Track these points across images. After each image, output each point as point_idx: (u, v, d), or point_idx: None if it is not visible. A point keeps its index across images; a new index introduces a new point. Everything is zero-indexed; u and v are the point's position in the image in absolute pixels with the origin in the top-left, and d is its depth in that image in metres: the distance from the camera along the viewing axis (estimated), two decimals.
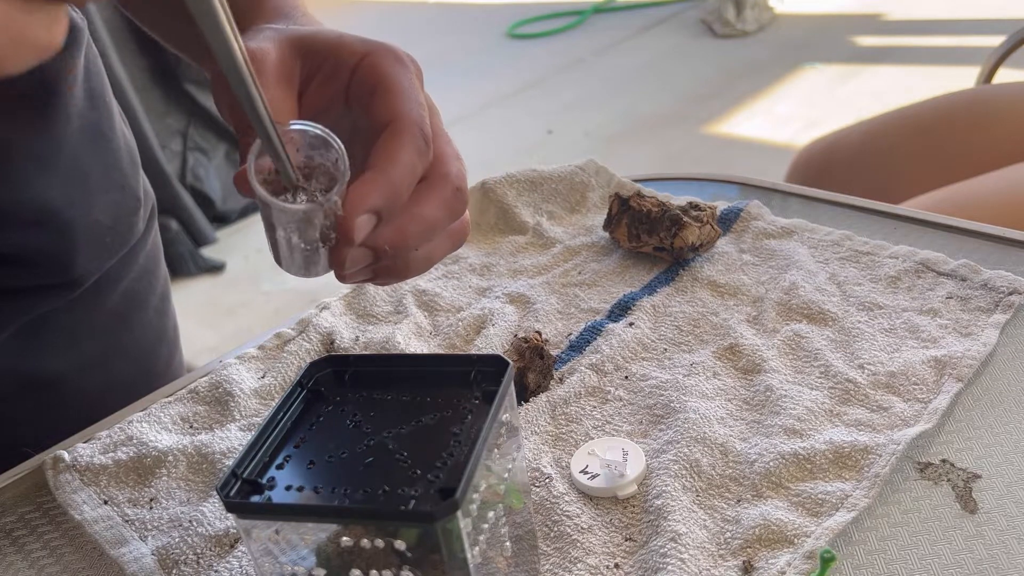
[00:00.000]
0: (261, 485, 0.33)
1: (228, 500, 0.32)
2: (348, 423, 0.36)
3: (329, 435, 0.36)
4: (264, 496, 0.33)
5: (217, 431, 0.55)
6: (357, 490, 0.32)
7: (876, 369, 0.52)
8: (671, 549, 0.42)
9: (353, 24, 4.60)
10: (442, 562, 0.32)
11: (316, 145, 0.37)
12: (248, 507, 0.33)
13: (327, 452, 0.35)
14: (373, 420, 0.36)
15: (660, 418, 0.51)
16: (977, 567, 0.40)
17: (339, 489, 0.32)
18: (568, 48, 3.75)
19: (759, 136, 2.67)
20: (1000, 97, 1.08)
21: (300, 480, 0.33)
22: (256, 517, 0.33)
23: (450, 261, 0.71)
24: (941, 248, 0.62)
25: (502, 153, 2.88)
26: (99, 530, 0.49)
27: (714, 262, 0.65)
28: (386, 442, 0.35)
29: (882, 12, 3.56)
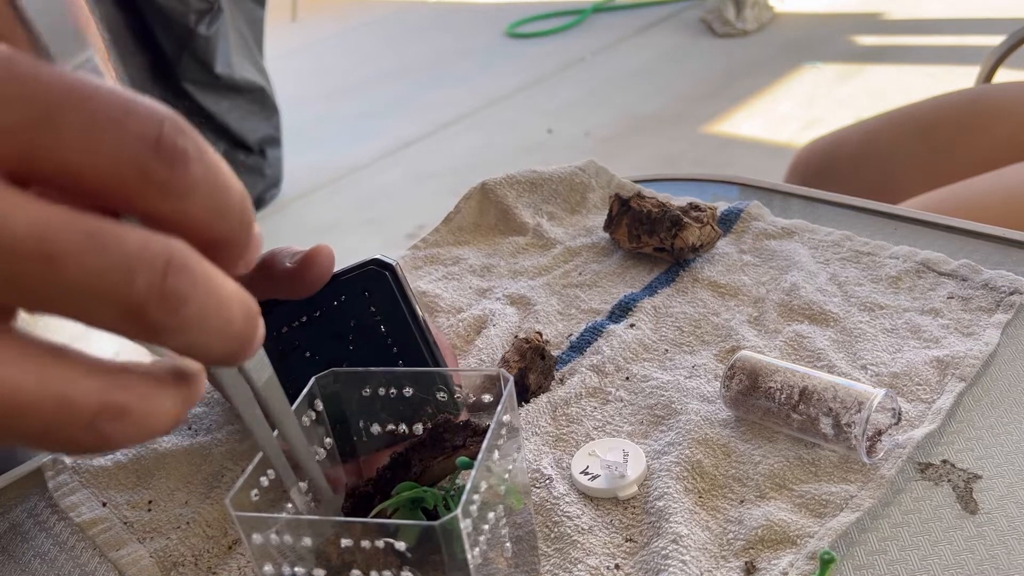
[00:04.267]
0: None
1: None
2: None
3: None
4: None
5: (216, 433, 0.55)
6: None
7: (879, 370, 0.52)
8: (672, 550, 0.41)
9: (353, 24, 4.61)
10: (442, 562, 0.32)
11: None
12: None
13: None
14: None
15: (661, 419, 0.51)
16: (978, 567, 0.40)
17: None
18: (568, 48, 3.74)
19: (759, 136, 2.67)
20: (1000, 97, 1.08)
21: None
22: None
23: (450, 262, 0.71)
24: (942, 248, 0.62)
25: (502, 153, 2.88)
26: (97, 532, 0.49)
27: (715, 263, 0.65)
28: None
29: (882, 11, 3.56)
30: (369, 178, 2.87)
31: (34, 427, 0.20)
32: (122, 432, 0.21)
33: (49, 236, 0.19)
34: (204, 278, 0.21)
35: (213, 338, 0.21)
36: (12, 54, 0.19)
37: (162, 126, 0.20)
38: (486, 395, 0.41)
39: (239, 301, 0.22)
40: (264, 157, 2.70)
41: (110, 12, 2.31)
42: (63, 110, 0.19)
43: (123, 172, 0.20)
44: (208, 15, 2.41)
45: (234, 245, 0.22)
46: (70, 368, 0.20)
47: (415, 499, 0.38)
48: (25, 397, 0.20)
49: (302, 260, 0.45)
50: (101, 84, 0.20)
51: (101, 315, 0.20)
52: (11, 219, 0.19)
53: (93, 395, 0.20)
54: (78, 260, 0.19)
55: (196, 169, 0.21)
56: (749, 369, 0.49)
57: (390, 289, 0.48)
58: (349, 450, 0.43)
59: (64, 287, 0.19)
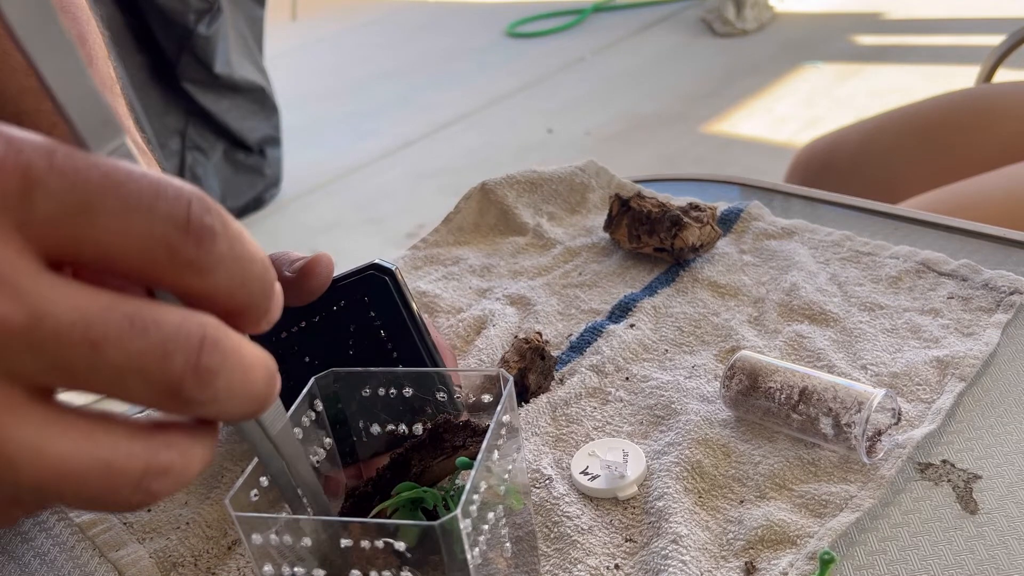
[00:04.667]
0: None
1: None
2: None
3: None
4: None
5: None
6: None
7: (879, 370, 0.52)
8: (672, 550, 0.41)
9: (353, 23, 4.60)
10: (442, 563, 0.32)
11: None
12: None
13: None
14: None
15: (661, 419, 0.51)
16: (978, 568, 0.40)
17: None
18: (568, 47, 3.74)
19: (759, 135, 2.67)
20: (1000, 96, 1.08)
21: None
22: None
23: (450, 262, 0.71)
24: (942, 248, 0.62)
25: (502, 152, 2.88)
26: (97, 532, 0.49)
27: (715, 263, 0.65)
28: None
29: (882, 11, 3.55)
30: (369, 178, 2.87)
31: (85, 493, 0.21)
32: (167, 487, 0.22)
33: (93, 323, 0.20)
34: (232, 351, 0.22)
35: (238, 403, 0.23)
36: (53, 146, 0.20)
37: (190, 206, 0.21)
38: (486, 395, 0.41)
39: (262, 365, 0.23)
40: (264, 157, 2.70)
41: (110, 12, 2.31)
42: (100, 198, 0.20)
43: (155, 253, 0.21)
44: (208, 15, 2.41)
45: (256, 311, 0.23)
46: (113, 434, 0.21)
47: (415, 499, 0.38)
48: (74, 467, 0.21)
49: (301, 269, 0.45)
50: (133, 169, 0.21)
51: (139, 393, 0.21)
52: (58, 308, 0.20)
53: (138, 458, 0.22)
54: (120, 344, 0.20)
55: (222, 245, 0.22)
56: (749, 369, 0.49)
57: (389, 294, 0.48)
58: (349, 451, 0.43)
59: (107, 369, 0.20)
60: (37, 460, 0.20)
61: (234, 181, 2.63)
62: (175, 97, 2.49)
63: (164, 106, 2.48)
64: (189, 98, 2.49)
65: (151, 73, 2.45)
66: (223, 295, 0.22)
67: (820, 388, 0.46)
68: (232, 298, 0.22)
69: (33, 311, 0.20)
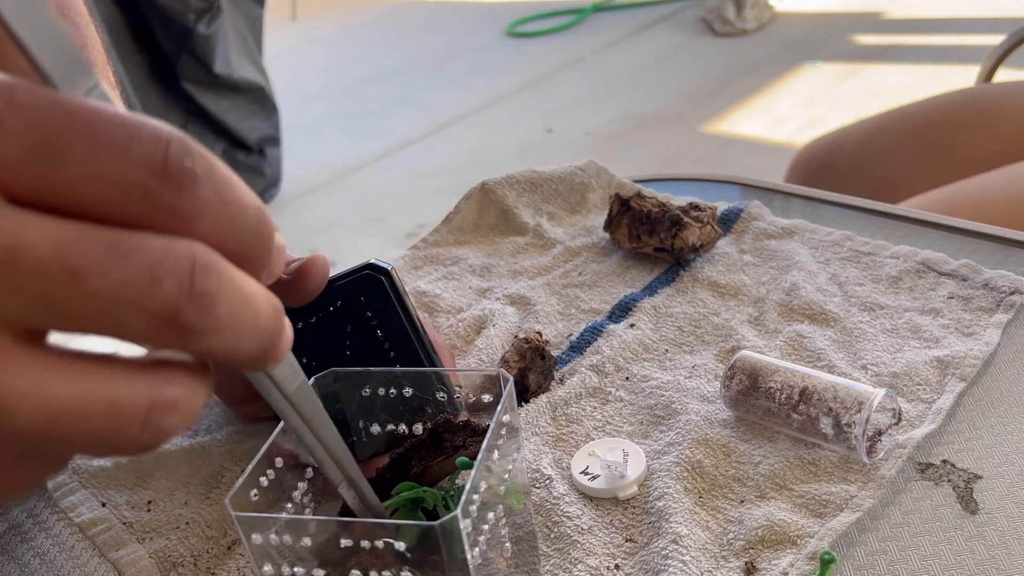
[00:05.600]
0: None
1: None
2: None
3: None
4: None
5: (216, 433, 0.55)
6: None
7: (879, 369, 0.52)
8: (672, 550, 0.41)
9: (353, 23, 4.60)
10: (442, 563, 0.32)
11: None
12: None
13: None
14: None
15: (661, 419, 0.51)
16: (978, 568, 0.40)
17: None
18: (568, 47, 3.74)
19: (759, 135, 2.67)
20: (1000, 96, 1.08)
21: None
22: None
23: (450, 262, 0.71)
24: (942, 248, 0.62)
25: (502, 152, 2.88)
26: (97, 532, 0.49)
27: (715, 263, 0.65)
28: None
29: (882, 11, 3.55)
30: (369, 178, 2.87)
31: (91, 435, 0.20)
32: (176, 423, 0.21)
33: (69, 251, 0.19)
34: (229, 276, 0.21)
35: (245, 337, 0.21)
36: (13, 83, 0.19)
37: (168, 148, 0.20)
38: (486, 395, 0.41)
39: (264, 297, 0.22)
40: (263, 156, 2.70)
41: (110, 12, 2.31)
42: (65, 138, 0.19)
43: (130, 199, 0.19)
44: (207, 14, 2.41)
45: (253, 261, 0.22)
46: (113, 371, 0.20)
47: (415, 499, 0.38)
48: (75, 407, 0.20)
49: (297, 271, 0.45)
50: (104, 109, 0.20)
51: (133, 325, 0.20)
52: (31, 239, 0.19)
53: (142, 394, 0.21)
54: (102, 272, 0.19)
55: (205, 190, 0.20)
56: (749, 369, 0.49)
57: (386, 294, 0.48)
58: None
59: (93, 301, 0.19)
60: (33, 403, 0.19)
61: None
62: (175, 97, 2.49)
63: (164, 106, 2.48)
64: (189, 98, 2.49)
65: (151, 73, 2.46)
66: (212, 243, 0.21)
67: (820, 388, 0.46)
68: (223, 246, 0.21)
69: (4, 245, 0.18)
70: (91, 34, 0.55)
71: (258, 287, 0.22)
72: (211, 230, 0.20)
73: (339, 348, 0.48)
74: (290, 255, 0.47)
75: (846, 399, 0.45)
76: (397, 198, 2.70)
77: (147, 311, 0.19)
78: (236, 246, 0.21)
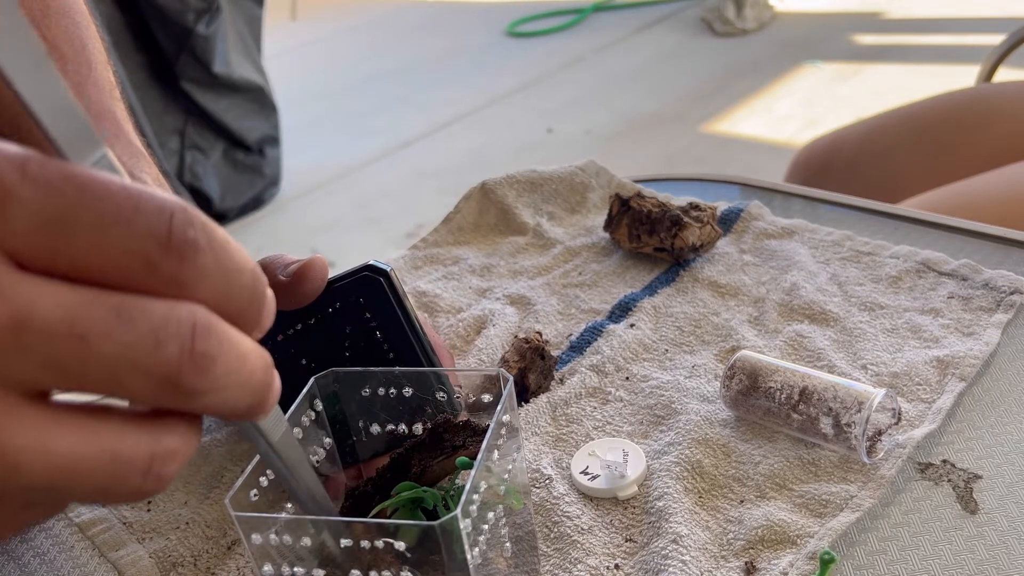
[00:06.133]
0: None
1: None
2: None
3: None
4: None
5: (215, 433, 0.55)
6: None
7: (879, 369, 0.52)
8: (672, 550, 0.41)
9: (353, 23, 4.60)
10: (442, 562, 0.32)
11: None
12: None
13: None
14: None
15: (661, 419, 0.51)
16: (978, 568, 0.40)
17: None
18: (568, 46, 3.74)
19: (759, 135, 2.67)
20: (1000, 96, 1.08)
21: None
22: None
23: (450, 262, 0.71)
24: (942, 248, 0.62)
25: (502, 152, 2.88)
26: (97, 532, 0.49)
27: (715, 262, 0.65)
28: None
29: (882, 10, 3.55)
30: (369, 177, 2.87)
31: (95, 485, 0.21)
32: (174, 470, 0.22)
33: (79, 316, 0.20)
34: (227, 337, 0.22)
35: (239, 393, 0.22)
36: (26, 156, 0.20)
37: (172, 220, 0.21)
38: (486, 395, 0.41)
39: (257, 354, 0.23)
40: (263, 156, 2.70)
41: (110, 11, 2.31)
42: (76, 211, 0.20)
43: (134, 268, 0.20)
44: (207, 14, 2.41)
45: (247, 320, 0.23)
46: (114, 425, 0.21)
47: (415, 499, 0.38)
48: (82, 461, 0.21)
49: (296, 273, 0.45)
50: (112, 181, 0.20)
51: (136, 386, 0.21)
52: (41, 305, 0.20)
53: (143, 445, 0.22)
54: (109, 336, 0.20)
55: (206, 259, 0.21)
56: (749, 369, 0.49)
57: (384, 295, 0.48)
58: (349, 451, 0.43)
59: (99, 363, 0.20)
60: (43, 459, 0.20)
61: (233, 180, 2.63)
62: (174, 97, 2.49)
63: (163, 106, 2.48)
64: (188, 98, 2.49)
65: (150, 73, 2.45)
66: (210, 306, 0.22)
67: (820, 388, 0.46)
68: (221, 309, 0.22)
69: (17, 311, 0.19)
70: (91, 34, 0.55)
71: (252, 344, 0.23)
72: (210, 294, 0.22)
73: (338, 350, 0.48)
74: (289, 257, 0.47)
75: (846, 399, 0.45)
76: (397, 198, 2.70)
77: (150, 373, 0.20)
78: (232, 308, 0.22)
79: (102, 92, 0.52)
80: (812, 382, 0.47)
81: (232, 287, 0.22)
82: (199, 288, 0.21)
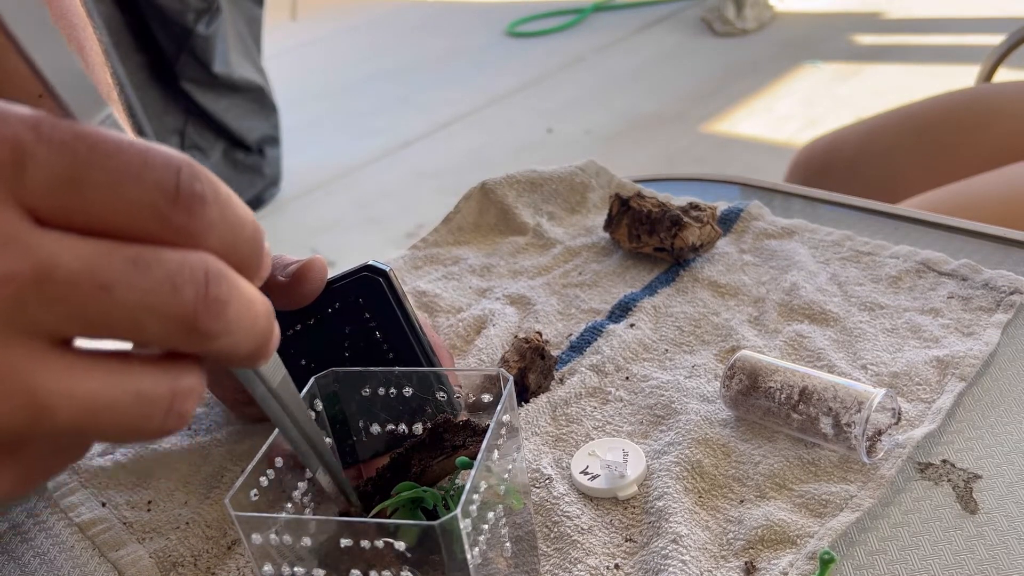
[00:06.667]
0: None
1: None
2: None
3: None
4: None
5: (216, 433, 0.55)
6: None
7: (879, 369, 0.52)
8: (672, 550, 0.41)
9: (353, 23, 4.60)
10: (442, 562, 0.32)
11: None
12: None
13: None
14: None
15: (661, 419, 0.51)
16: (978, 567, 0.40)
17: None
18: (568, 46, 3.74)
19: (759, 135, 2.67)
20: (1000, 96, 1.08)
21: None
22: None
23: (450, 262, 0.71)
24: (942, 248, 0.62)
25: (502, 152, 2.88)
26: (97, 532, 0.49)
27: (715, 262, 0.65)
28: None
29: (882, 10, 3.55)
30: (369, 177, 2.87)
31: (122, 424, 0.22)
32: (193, 408, 0.24)
33: (99, 267, 0.21)
34: (236, 283, 0.23)
35: (247, 337, 0.23)
36: (39, 117, 0.21)
37: (179, 174, 0.22)
38: (486, 395, 0.41)
39: (261, 300, 0.24)
40: (263, 156, 2.70)
41: (110, 12, 2.31)
42: (88, 168, 0.21)
43: (145, 220, 0.22)
44: (207, 14, 2.41)
45: (249, 268, 0.24)
46: (136, 366, 0.23)
47: (415, 499, 0.38)
48: (108, 401, 0.22)
49: (295, 274, 0.45)
50: (121, 139, 0.22)
51: (156, 330, 0.22)
52: (63, 258, 0.21)
53: (164, 385, 0.23)
54: (129, 284, 0.21)
55: (212, 211, 0.22)
56: (749, 369, 0.49)
57: (384, 295, 0.48)
58: (349, 450, 0.43)
59: (120, 311, 0.21)
60: (71, 401, 0.21)
61: (233, 180, 2.63)
62: (174, 97, 2.49)
63: (163, 106, 2.48)
64: (188, 98, 2.49)
65: (150, 73, 2.46)
66: (218, 256, 0.23)
67: (820, 388, 0.46)
68: (227, 258, 0.23)
69: (40, 263, 0.20)
70: (88, 36, 0.55)
71: (256, 291, 0.24)
72: (217, 244, 0.23)
73: (338, 350, 0.48)
74: (288, 258, 0.47)
75: (846, 399, 0.45)
76: (397, 198, 2.70)
77: (169, 317, 0.22)
78: (237, 257, 0.24)
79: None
80: (812, 382, 0.47)
81: (237, 237, 0.23)
82: (207, 238, 0.22)
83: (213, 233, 0.23)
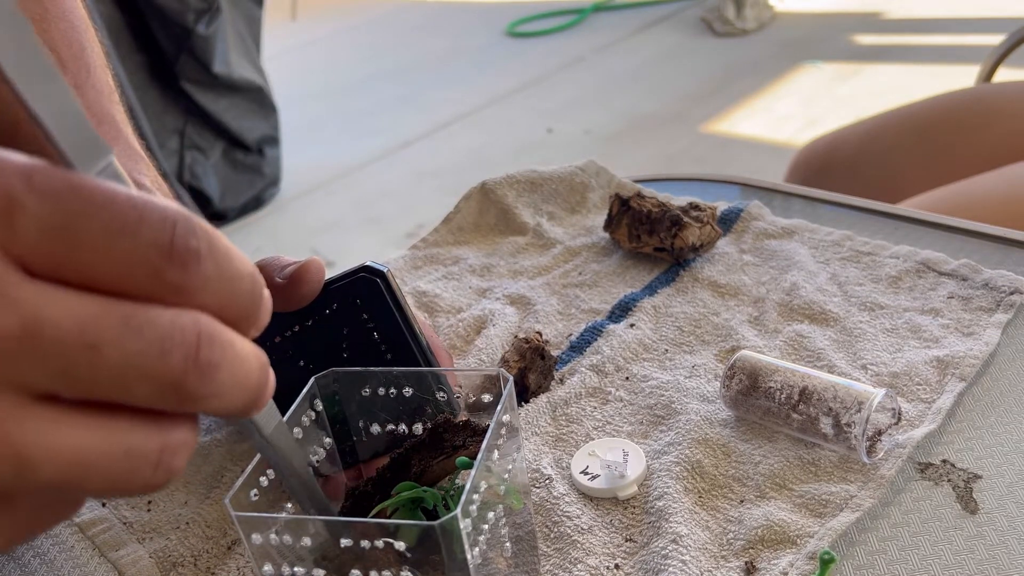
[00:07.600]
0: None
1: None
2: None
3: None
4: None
5: (215, 433, 0.55)
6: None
7: (879, 369, 0.52)
8: (672, 550, 0.41)
9: (353, 23, 4.60)
10: (442, 562, 0.32)
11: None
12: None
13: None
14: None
15: (661, 419, 0.51)
16: (978, 567, 0.40)
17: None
18: (568, 46, 3.74)
19: (759, 135, 2.67)
20: (1000, 96, 1.08)
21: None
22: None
23: (450, 262, 0.71)
24: (942, 248, 0.62)
25: (502, 152, 2.88)
26: (97, 532, 0.49)
27: (715, 262, 0.65)
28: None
29: (882, 10, 3.55)
30: (369, 177, 2.87)
31: (109, 479, 0.22)
32: (183, 463, 0.23)
33: (88, 325, 0.20)
34: (230, 343, 0.23)
35: (237, 393, 0.23)
36: (32, 166, 0.20)
37: (174, 229, 0.21)
38: (486, 395, 0.41)
39: (255, 355, 0.24)
40: (263, 156, 2.70)
41: (110, 12, 2.31)
42: (81, 221, 0.20)
43: (139, 276, 0.21)
44: (207, 14, 2.41)
45: (244, 322, 0.24)
46: (124, 420, 0.22)
47: (415, 499, 0.38)
48: (95, 456, 0.21)
49: (292, 276, 0.45)
50: (116, 192, 0.21)
51: (144, 392, 0.21)
52: (51, 312, 0.20)
53: (153, 440, 0.22)
54: (118, 344, 0.21)
55: (207, 267, 0.22)
56: (749, 369, 0.49)
57: (381, 296, 0.48)
58: (349, 451, 0.43)
59: (109, 371, 0.21)
60: (56, 456, 0.21)
61: (233, 180, 2.63)
62: (174, 97, 2.49)
63: (163, 106, 2.48)
64: (188, 97, 2.49)
65: (150, 73, 2.46)
66: (212, 311, 0.23)
67: (820, 388, 0.46)
68: (221, 313, 0.23)
69: (28, 319, 0.20)
70: (90, 37, 0.55)
71: (250, 347, 0.24)
72: (212, 300, 0.22)
73: (336, 351, 0.48)
74: (286, 259, 0.47)
75: (846, 399, 0.45)
76: (397, 198, 2.70)
77: (156, 379, 0.21)
78: (233, 312, 0.23)
79: (101, 95, 0.53)
80: (812, 382, 0.47)
81: (233, 292, 0.23)
82: (202, 295, 0.22)
83: (208, 289, 0.22)
